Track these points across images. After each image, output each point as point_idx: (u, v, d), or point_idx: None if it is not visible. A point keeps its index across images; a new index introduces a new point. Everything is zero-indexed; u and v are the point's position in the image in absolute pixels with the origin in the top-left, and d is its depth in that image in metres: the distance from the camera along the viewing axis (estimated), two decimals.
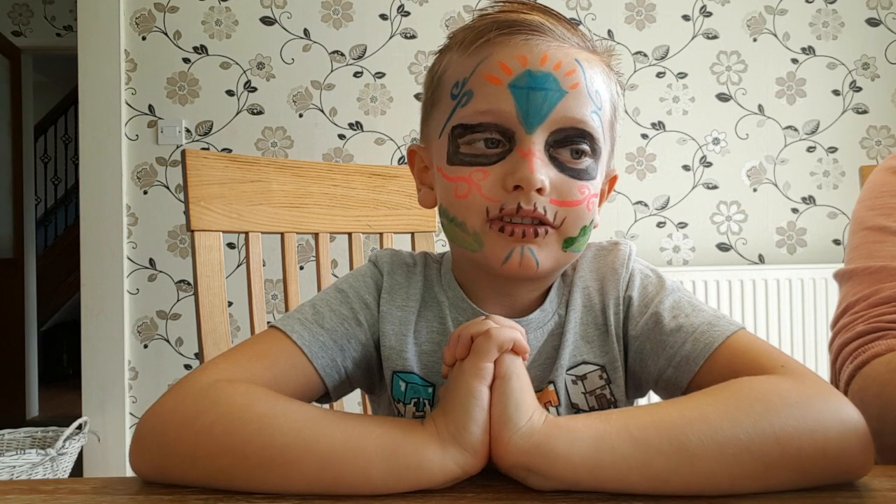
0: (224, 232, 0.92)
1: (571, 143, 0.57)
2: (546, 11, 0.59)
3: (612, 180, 0.67)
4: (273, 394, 0.52)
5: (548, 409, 0.60)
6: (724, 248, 2.24)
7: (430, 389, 0.63)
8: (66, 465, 2.13)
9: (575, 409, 0.61)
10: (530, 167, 0.54)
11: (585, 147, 0.57)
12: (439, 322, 0.64)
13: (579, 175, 0.57)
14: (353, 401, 0.73)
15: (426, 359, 0.63)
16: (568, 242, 0.58)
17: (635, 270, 0.64)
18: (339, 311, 0.63)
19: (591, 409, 0.61)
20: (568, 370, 0.61)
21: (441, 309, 0.65)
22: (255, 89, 2.21)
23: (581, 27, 2.25)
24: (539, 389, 0.62)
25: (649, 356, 0.60)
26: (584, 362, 0.62)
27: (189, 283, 2.19)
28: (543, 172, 0.55)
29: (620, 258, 0.65)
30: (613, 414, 0.47)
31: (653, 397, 0.68)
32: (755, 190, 2.25)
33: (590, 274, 0.65)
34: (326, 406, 0.75)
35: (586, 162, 0.58)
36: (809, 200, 2.25)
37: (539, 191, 0.55)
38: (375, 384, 0.67)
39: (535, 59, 0.55)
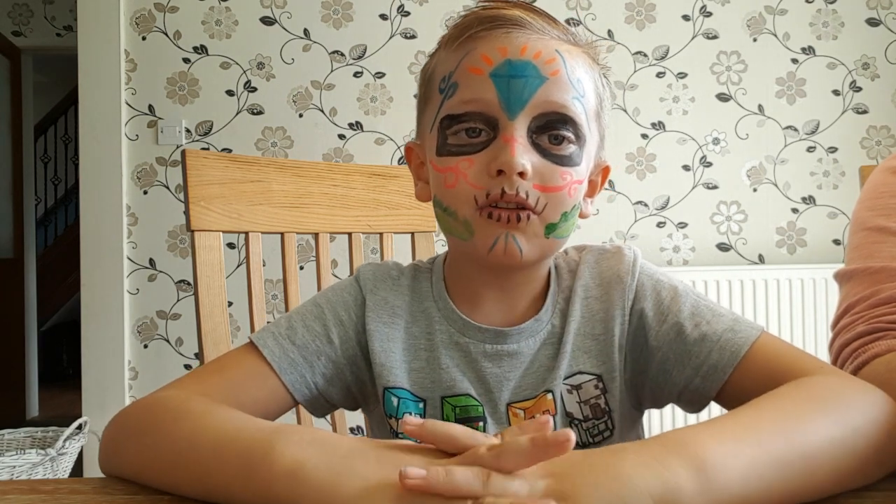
0: (224, 232, 0.92)
1: (553, 129, 0.58)
2: (527, 7, 0.61)
3: (604, 171, 0.67)
4: (215, 403, 0.53)
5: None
6: (724, 248, 2.24)
7: (421, 405, 0.63)
8: (66, 465, 2.13)
9: (570, 417, 0.61)
10: (512, 152, 0.56)
11: (568, 133, 0.58)
12: (427, 337, 0.65)
13: (562, 161, 0.58)
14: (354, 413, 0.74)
15: (416, 375, 0.64)
16: (550, 228, 0.59)
17: (643, 278, 0.64)
18: (311, 326, 0.64)
19: (586, 418, 0.62)
20: (564, 379, 0.62)
21: (430, 323, 0.65)
22: (255, 89, 2.21)
23: (580, 26, 2.25)
24: (533, 397, 0.62)
25: (674, 367, 0.60)
26: (581, 372, 0.62)
27: (189, 283, 2.19)
28: (525, 157, 0.56)
29: (625, 265, 0.64)
30: (746, 431, 0.44)
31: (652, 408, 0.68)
32: (755, 190, 2.25)
33: (592, 281, 0.65)
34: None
35: (570, 148, 0.59)
36: (809, 200, 2.25)
37: (521, 175, 0.56)
38: (358, 402, 0.68)
39: (515, 50, 0.57)
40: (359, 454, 0.41)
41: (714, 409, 0.58)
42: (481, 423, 0.62)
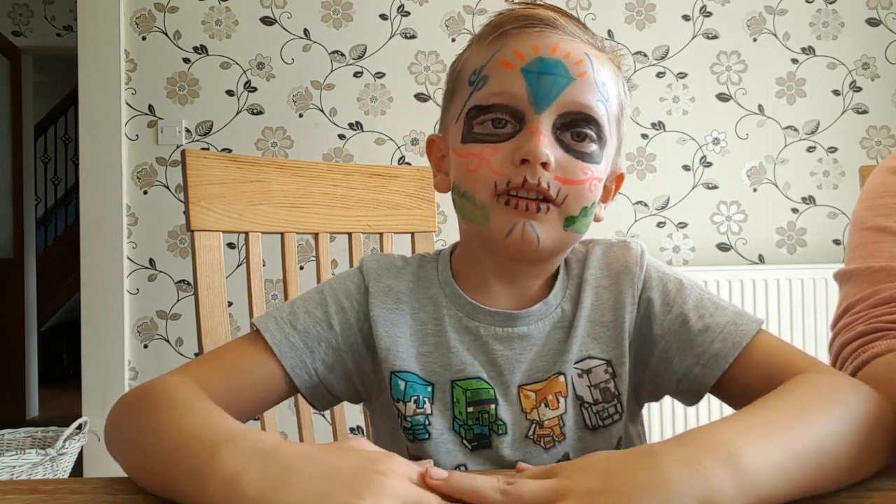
0: (224, 232, 0.92)
1: (577, 127, 0.60)
2: (558, 10, 0.63)
3: (618, 178, 0.69)
4: (195, 392, 0.54)
5: (557, 400, 0.62)
6: (724, 248, 2.24)
7: (430, 388, 0.64)
8: (66, 465, 2.13)
9: (580, 400, 0.63)
10: (537, 142, 0.57)
11: (590, 132, 0.60)
12: (435, 322, 0.66)
13: (583, 157, 0.60)
14: (354, 408, 0.74)
15: (424, 359, 0.64)
16: (569, 221, 0.60)
17: (651, 270, 0.66)
18: (313, 313, 0.65)
19: (596, 402, 0.63)
20: (574, 364, 0.63)
21: (438, 308, 0.66)
22: (255, 89, 2.21)
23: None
24: (545, 379, 0.63)
25: (675, 355, 0.62)
26: (590, 357, 0.63)
27: (189, 283, 2.19)
28: (549, 149, 0.58)
29: (633, 257, 0.67)
30: (769, 430, 0.45)
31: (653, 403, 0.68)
32: (755, 190, 2.25)
33: (600, 271, 0.67)
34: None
35: (591, 147, 0.60)
36: (809, 200, 2.25)
37: (544, 165, 0.58)
38: (359, 392, 0.68)
39: (547, 48, 0.59)
40: (303, 466, 0.40)
41: (714, 409, 0.58)
42: (493, 406, 0.63)
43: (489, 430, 0.63)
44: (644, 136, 2.24)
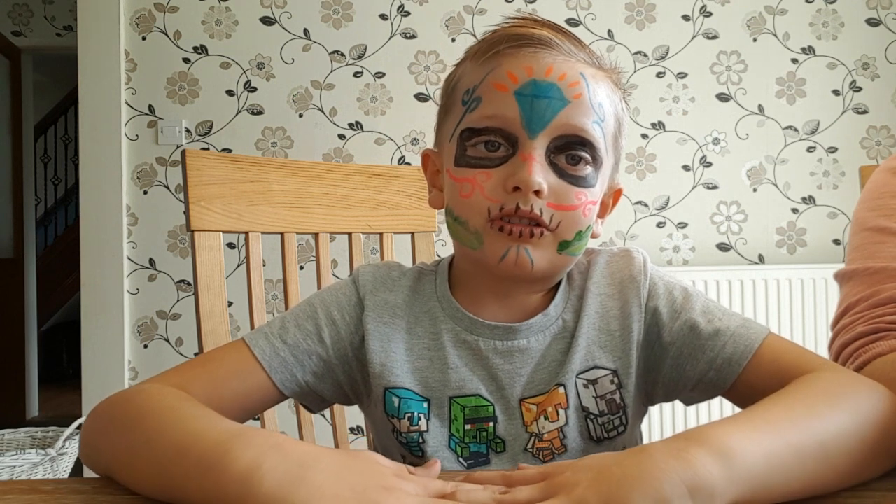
0: (224, 232, 0.92)
1: (571, 150, 0.59)
2: (556, 28, 0.62)
3: (616, 194, 0.69)
4: (185, 399, 0.53)
5: (557, 412, 0.61)
6: (724, 248, 2.24)
7: (425, 404, 0.63)
8: (66, 465, 2.13)
9: (585, 411, 0.62)
10: (529, 170, 0.57)
11: (585, 154, 0.59)
12: (431, 337, 0.65)
13: (578, 182, 0.59)
14: (354, 408, 0.74)
15: (420, 374, 0.64)
16: (563, 245, 0.60)
17: (655, 278, 0.66)
18: (303, 326, 0.65)
19: (601, 413, 0.62)
20: (580, 374, 0.62)
21: (435, 323, 0.65)
22: (255, 89, 2.21)
23: (581, 25, 2.24)
24: (545, 391, 0.62)
25: (687, 361, 0.62)
26: (597, 367, 0.63)
27: (189, 283, 2.19)
28: (542, 176, 0.57)
29: (636, 266, 0.66)
30: (763, 422, 0.45)
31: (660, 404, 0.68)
32: (755, 190, 2.25)
33: (604, 280, 0.66)
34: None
35: (586, 170, 0.60)
36: (809, 200, 2.25)
37: (537, 193, 0.57)
38: (350, 399, 0.69)
39: (541, 70, 0.58)
40: (317, 464, 0.41)
41: (715, 409, 0.58)
42: (492, 423, 0.62)
43: (487, 448, 0.62)
44: (644, 136, 2.24)
